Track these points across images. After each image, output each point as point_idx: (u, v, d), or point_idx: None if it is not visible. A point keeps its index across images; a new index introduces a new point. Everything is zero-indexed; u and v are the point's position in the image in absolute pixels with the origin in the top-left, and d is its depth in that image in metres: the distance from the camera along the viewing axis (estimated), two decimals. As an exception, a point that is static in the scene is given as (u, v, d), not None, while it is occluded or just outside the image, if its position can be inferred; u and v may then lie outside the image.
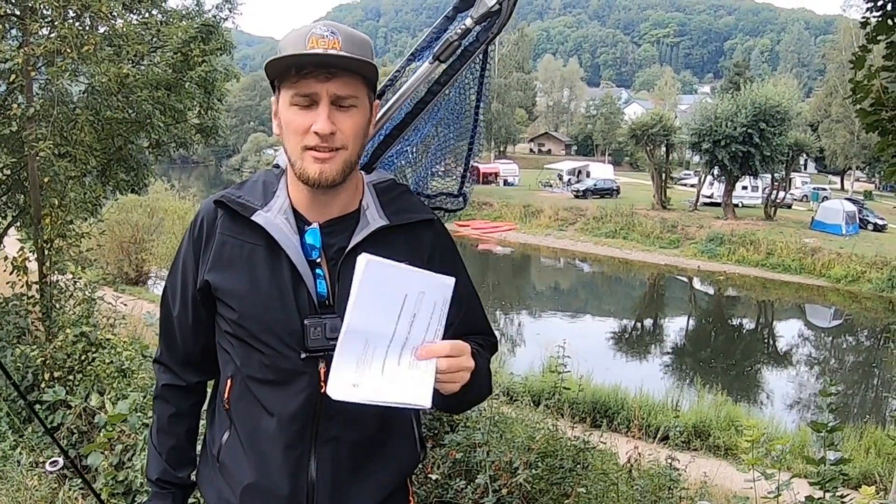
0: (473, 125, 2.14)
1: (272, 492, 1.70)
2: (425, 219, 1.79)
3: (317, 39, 1.55)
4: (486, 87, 2.11)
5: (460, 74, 2.05)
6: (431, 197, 2.18)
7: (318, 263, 1.67)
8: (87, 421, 6.13)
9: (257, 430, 1.69)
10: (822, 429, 3.65)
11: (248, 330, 1.67)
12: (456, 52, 1.99)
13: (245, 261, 1.69)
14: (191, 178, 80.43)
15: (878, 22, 4.59)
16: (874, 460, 12.77)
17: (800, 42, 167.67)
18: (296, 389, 1.64)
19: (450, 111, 2.12)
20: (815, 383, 22.01)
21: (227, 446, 1.77)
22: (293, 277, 1.66)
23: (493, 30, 1.99)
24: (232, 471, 1.76)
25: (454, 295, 1.54)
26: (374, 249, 1.64)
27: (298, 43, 1.56)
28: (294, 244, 1.66)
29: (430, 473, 4.42)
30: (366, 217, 1.71)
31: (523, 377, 12.99)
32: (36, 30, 9.48)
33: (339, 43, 1.56)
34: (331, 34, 1.56)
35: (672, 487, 5.24)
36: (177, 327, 1.85)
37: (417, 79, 2.03)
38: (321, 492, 1.70)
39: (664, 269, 38.49)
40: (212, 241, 1.73)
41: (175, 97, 11.44)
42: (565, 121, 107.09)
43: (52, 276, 9.40)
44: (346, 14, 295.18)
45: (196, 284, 1.76)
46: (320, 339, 1.63)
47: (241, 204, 1.70)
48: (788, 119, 39.93)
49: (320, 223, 1.69)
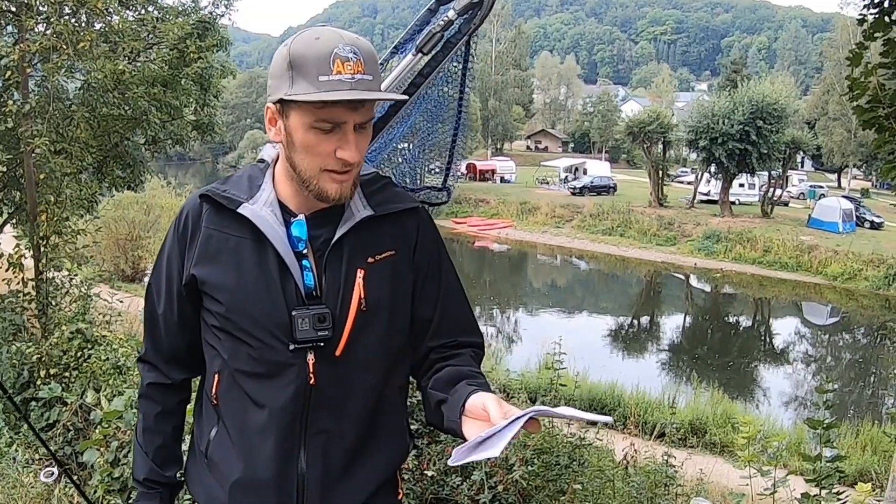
0: (457, 118, 2.15)
1: (262, 485, 1.70)
2: (409, 207, 1.78)
3: (343, 63, 1.53)
4: (469, 79, 2.11)
5: (444, 66, 2.05)
6: (416, 190, 2.18)
7: (304, 255, 1.67)
8: (83, 418, 6.11)
9: (246, 424, 1.68)
10: (818, 426, 3.65)
11: (235, 323, 1.67)
12: (438, 44, 2.00)
13: (231, 254, 1.69)
14: (187, 174, 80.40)
15: (875, 19, 4.59)
16: (870, 457, 12.80)
17: (797, 40, 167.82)
18: (285, 381, 1.64)
19: (437, 104, 2.12)
20: (811, 380, 22.06)
21: (216, 442, 1.77)
22: (280, 269, 1.66)
23: (474, 21, 2.02)
24: (221, 467, 1.75)
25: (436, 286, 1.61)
26: (360, 239, 1.67)
27: (322, 64, 1.53)
28: (280, 236, 1.66)
29: (426, 470, 4.42)
30: (350, 209, 1.70)
31: (520, 374, 13.02)
32: (32, 26, 9.46)
33: (362, 65, 1.54)
34: (354, 56, 1.54)
35: (668, 484, 5.25)
36: (162, 324, 1.84)
37: (401, 71, 2.04)
38: (311, 484, 1.69)
39: (661, 267, 38.52)
40: (197, 236, 1.73)
41: (171, 94, 11.44)
42: (562, 118, 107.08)
43: (48, 273, 9.40)
44: (343, 11, 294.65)
45: (182, 280, 1.75)
46: (308, 330, 1.63)
47: (226, 197, 1.70)
48: (785, 116, 39.95)
49: (306, 215, 1.69)
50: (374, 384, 1.72)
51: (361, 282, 1.67)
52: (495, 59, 78.50)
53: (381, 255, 1.70)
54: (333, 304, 1.66)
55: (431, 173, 2.21)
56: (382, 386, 1.75)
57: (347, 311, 1.66)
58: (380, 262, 1.70)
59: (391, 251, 1.72)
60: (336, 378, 1.67)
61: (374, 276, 1.69)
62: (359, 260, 1.68)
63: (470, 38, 2.04)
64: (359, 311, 1.66)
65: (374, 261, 1.69)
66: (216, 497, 1.76)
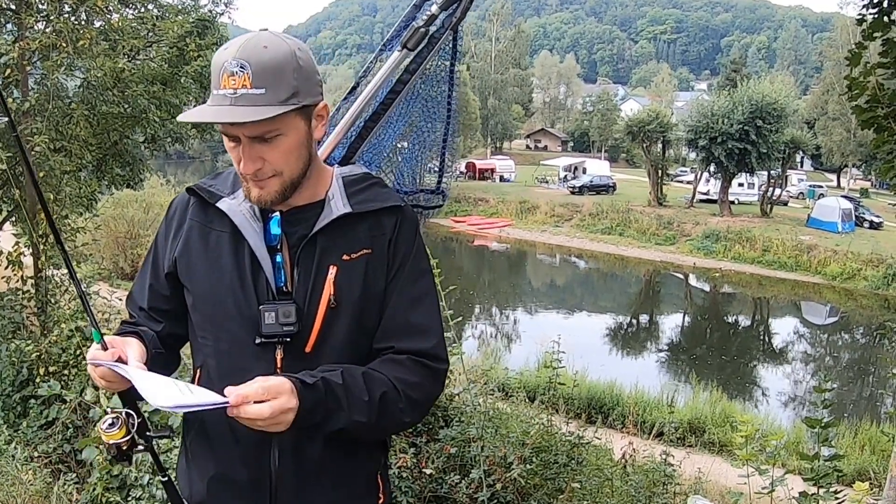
0: (447, 116, 2.16)
1: (236, 482, 1.72)
2: (390, 206, 1.77)
3: (228, 77, 1.54)
4: (456, 76, 2.13)
5: (430, 63, 2.06)
6: (410, 193, 2.17)
7: (278, 250, 1.69)
8: (83, 415, 6.12)
9: (220, 421, 1.66)
10: (816, 425, 3.65)
11: (208, 316, 1.71)
12: (423, 40, 2.02)
13: (211, 247, 1.72)
14: (186, 173, 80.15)
15: (874, 19, 4.60)
16: (869, 457, 12.81)
17: (797, 39, 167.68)
18: (253, 377, 1.57)
19: (433, 102, 2.13)
20: (810, 380, 22.06)
21: (196, 437, 1.80)
22: (252, 264, 1.68)
23: (456, 14, 2.04)
24: (200, 462, 1.78)
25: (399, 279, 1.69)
26: (335, 236, 1.69)
27: (216, 76, 1.56)
28: (256, 231, 1.69)
29: (425, 468, 4.42)
30: (329, 206, 1.72)
31: (518, 373, 13.03)
32: (31, 24, 9.46)
33: (248, 79, 1.53)
34: (240, 69, 1.53)
35: (666, 483, 5.25)
36: (145, 320, 1.84)
37: (387, 68, 2.06)
38: (285, 482, 1.70)
39: (660, 266, 38.52)
40: (182, 227, 1.77)
41: (171, 92, 11.45)
42: (562, 117, 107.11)
43: (47, 271, 9.40)
44: (343, 10, 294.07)
45: (165, 269, 1.79)
46: (274, 325, 1.64)
47: (209, 192, 1.75)
48: (785, 116, 39.93)
49: (283, 211, 1.71)
50: None
51: (333, 278, 1.67)
52: (495, 57, 78.49)
53: (356, 253, 1.70)
54: (302, 299, 1.67)
55: (430, 172, 2.21)
56: None
57: (317, 308, 1.66)
58: (355, 260, 1.70)
59: (367, 249, 1.72)
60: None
61: (346, 273, 1.69)
62: (332, 257, 1.69)
63: (455, 32, 2.05)
64: (328, 308, 1.67)
65: (348, 258, 1.69)
66: (198, 491, 1.79)
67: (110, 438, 1.64)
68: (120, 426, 1.64)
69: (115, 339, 1.65)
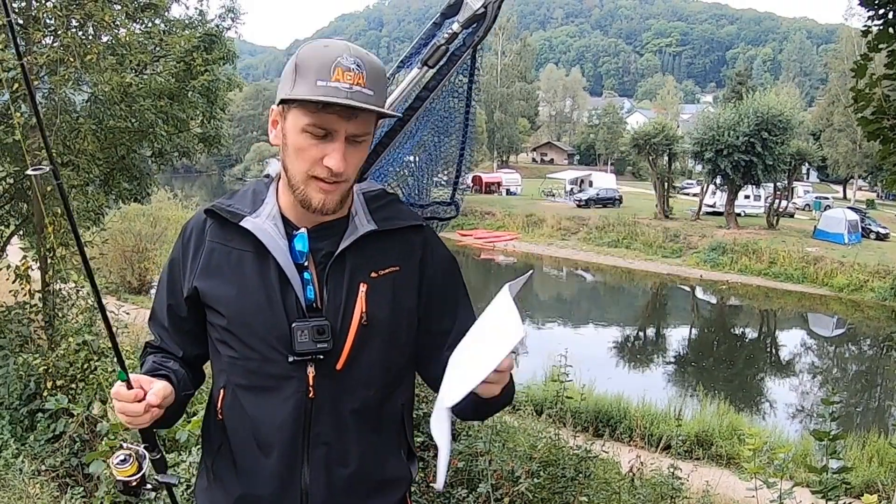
0: (464, 130, 2.16)
1: (265, 501, 1.70)
2: (414, 224, 1.79)
3: (343, 72, 1.53)
4: (475, 92, 2.13)
5: (449, 79, 2.06)
6: (424, 206, 2.18)
7: (305, 267, 1.68)
8: (90, 429, 6.13)
9: (248, 439, 1.68)
10: (824, 437, 3.64)
11: (236, 335, 1.68)
12: (444, 57, 2.02)
13: (234, 267, 1.70)
14: (193, 187, 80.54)
15: (879, 31, 4.61)
16: (877, 469, 12.73)
17: (802, 51, 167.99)
18: (285, 395, 1.63)
19: (444, 117, 2.13)
20: (817, 392, 21.95)
21: (221, 457, 1.76)
22: (281, 281, 1.66)
23: (478, 33, 2.03)
24: (226, 481, 1.75)
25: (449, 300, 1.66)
26: (363, 254, 1.67)
27: (323, 70, 1.53)
28: (282, 248, 1.67)
29: (432, 482, 4.42)
30: (354, 223, 1.71)
31: (525, 386, 13.01)
32: (39, 39, 9.50)
33: (363, 78, 1.55)
34: (357, 67, 1.54)
35: (674, 496, 5.23)
36: (167, 342, 1.84)
37: (407, 85, 2.06)
38: (315, 499, 1.68)
39: (666, 279, 38.44)
40: (201, 250, 1.74)
41: (178, 106, 11.48)
42: (568, 130, 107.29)
43: (54, 285, 9.42)
44: (349, 24, 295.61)
45: (185, 293, 1.75)
46: (307, 342, 1.63)
47: (229, 211, 1.72)
48: (790, 128, 39.85)
49: (308, 228, 1.69)
50: (375, 399, 1.71)
51: (364, 296, 1.66)
52: (501, 71, 78.60)
53: (384, 270, 1.70)
54: (334, 317, 1.66)
55: (438, 187, 2.21)
56: (384, 401, 1.74)
57: (349, 325, 1.66)
58: (383, 276, 1.70)
59: (395, 267, 1.72)
60: (336, 392, 1.66)
61: (376, 290, 1.68)
62: (361, 274, 1.68)
63: (475, 50, 2.05)
64: (360, 325, 1.66)
65: (377, 275, 1.69)
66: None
67: (121, 474, 1.65)
68: (132, 463, 1.64)
69: (141, 379, 1.64)
